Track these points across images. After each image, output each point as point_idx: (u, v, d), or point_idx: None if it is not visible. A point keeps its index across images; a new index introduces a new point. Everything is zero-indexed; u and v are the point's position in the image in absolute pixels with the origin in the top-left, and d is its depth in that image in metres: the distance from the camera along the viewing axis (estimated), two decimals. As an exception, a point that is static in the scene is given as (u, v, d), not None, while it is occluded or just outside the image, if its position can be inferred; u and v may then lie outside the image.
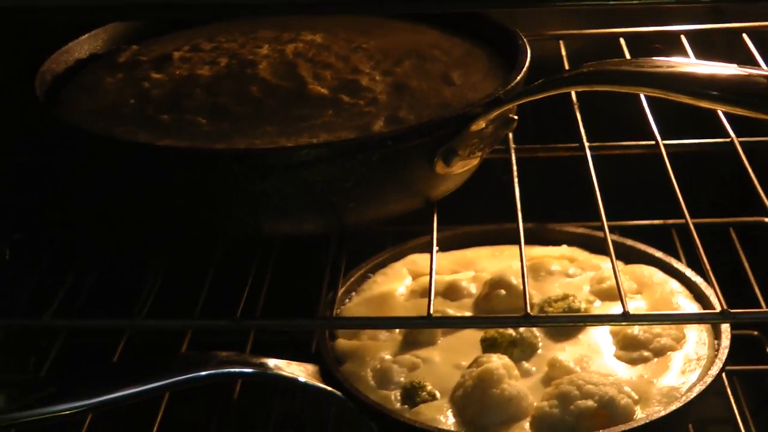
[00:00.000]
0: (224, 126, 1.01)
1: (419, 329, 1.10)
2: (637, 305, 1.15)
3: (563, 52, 1.30)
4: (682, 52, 1.29)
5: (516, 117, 1.05)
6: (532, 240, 1.27)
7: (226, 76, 1.09)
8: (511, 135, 1.17)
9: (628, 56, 1.27)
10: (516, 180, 1.10)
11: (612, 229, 1.31)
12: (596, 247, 1.26)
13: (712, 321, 1.05)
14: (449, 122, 0.96)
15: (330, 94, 1.05)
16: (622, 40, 1.31)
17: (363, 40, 1.16)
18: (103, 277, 1.15)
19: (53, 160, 1.15)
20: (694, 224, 1.03)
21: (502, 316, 1.07)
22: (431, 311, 0.91)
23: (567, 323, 0.98)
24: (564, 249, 1.26)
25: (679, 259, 1.26)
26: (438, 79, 1.08)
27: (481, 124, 0.99)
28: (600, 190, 1.10)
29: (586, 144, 1.14)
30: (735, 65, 0.94)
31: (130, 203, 1.04)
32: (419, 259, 1.26)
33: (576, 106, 1.19)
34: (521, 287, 1.15)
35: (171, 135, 1.00)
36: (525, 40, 1.11)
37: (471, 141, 0.99)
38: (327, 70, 1.09)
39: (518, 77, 1.03)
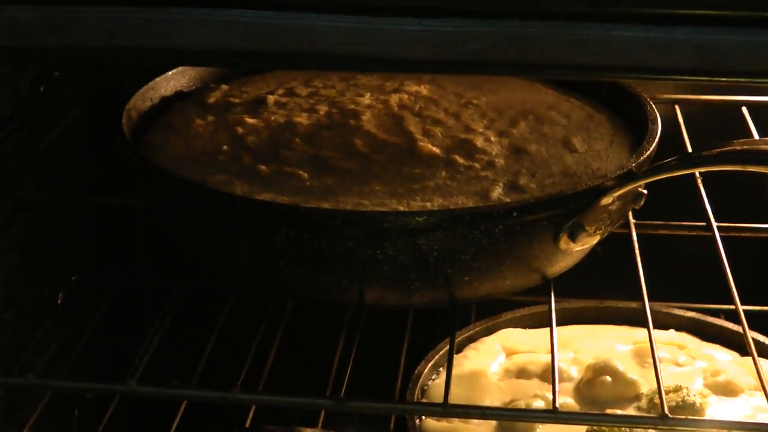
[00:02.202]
0: (328, 181, 1.00)
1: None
2: (756, 403, 1.13)
3: (680, 119, 1.29)
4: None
5: (645, 191, 1.04)
6: (634, 322, 1.26)
7: (327, 126, 1.09)
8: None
9: (752, 126, 1.26)
10: (639, 259, 1.08)
11: (716, 313, 1.30)
12: (708, 334, 1.25)
13: None
14: (581, 195, 0.96)
15: (443, 153, 1.04)
16: (744, 110, 1.30)
17: (473, 95, 1.16)
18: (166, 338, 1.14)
19: (135, 204, 1.14)
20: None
21: (637, 416, 1.05)
22: (557, 405, 0.89)
23: (712, 429, 0.96)
24: (672, 334, 1.25)
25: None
26: (559, 145, 1.07)
27: (609, 199, 0.98)
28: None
29: (715, 224, 1.13)
30: None
31: (220, 258, 1.02)
32: (513, 335, 1.25)
33: (699, 181, 1.18)
34: (628, 374, 1.15)
35: (270, 188, 1.00)
36: (653, 106, 1.11)
37: (599, 216, 0.98)
38: (437, 127, 1.09)
39: (651, 149, 1.02)
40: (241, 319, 1.18)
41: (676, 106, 1.31)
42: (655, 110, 1.09)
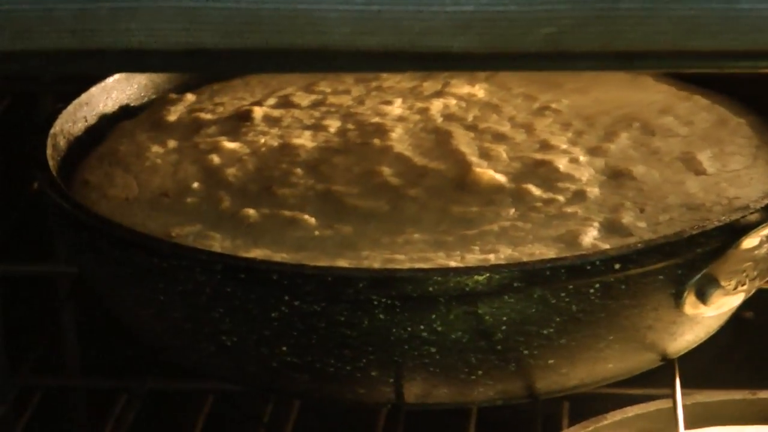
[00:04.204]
0: (345, 229, 1.04)
1: None
2: None
3: None
4: None
5: (807, 228, 1.07)
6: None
7: (340, 149, 1.13)
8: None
9: None
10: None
11: None
12: None
13: None
14: (713, 236, 0.99)
15: (509, 182, 1.08)
16: None
17: (550, 97, 1.20)
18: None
19: (62, 271, 1.18)
20: None
21: None
22: None
23: None
24: None
25: None
26: (677, 164, 1.11)
27: (754, 239, 1.01)
28: None
29: None
30: None
31: (192, 346, 1.06)
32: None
33: None
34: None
35: (262, 241, 1.04)
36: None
37: (741, 265, 1.02)
38: (500, 144, 1.13)
39: (814, 167, 1.06)
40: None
41: None
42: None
